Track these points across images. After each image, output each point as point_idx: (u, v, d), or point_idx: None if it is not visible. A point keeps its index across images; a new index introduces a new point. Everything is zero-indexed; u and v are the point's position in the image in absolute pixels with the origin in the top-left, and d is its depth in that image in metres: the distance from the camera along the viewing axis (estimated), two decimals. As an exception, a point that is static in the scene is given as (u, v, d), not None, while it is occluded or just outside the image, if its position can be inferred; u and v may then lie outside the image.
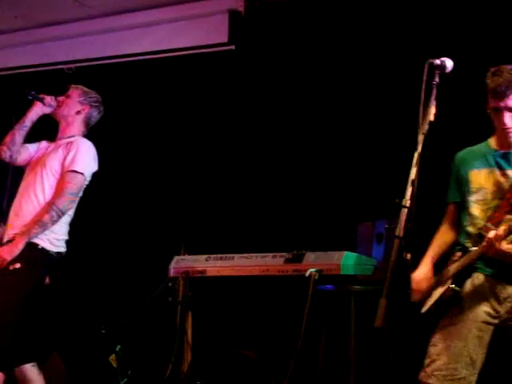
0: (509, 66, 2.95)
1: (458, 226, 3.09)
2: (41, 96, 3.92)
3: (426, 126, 2.68)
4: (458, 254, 3.00)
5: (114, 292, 5.41)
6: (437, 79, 2.76)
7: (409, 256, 2.71)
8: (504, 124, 2.95)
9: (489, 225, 2.86)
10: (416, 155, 2.67)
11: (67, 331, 4.96)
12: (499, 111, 2.95)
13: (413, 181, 2.61)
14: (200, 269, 4.49)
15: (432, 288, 3.00)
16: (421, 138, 2.70)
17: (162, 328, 4.82)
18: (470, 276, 2.94)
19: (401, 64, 4.51)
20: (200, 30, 5.54)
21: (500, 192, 2.95)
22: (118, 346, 4.79)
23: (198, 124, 5.50)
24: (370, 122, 4.71)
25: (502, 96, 2.91)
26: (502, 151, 3.03)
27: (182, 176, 5.46)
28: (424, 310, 2.99)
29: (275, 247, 4.38)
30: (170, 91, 5.63)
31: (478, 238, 2.92)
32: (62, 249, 3.75)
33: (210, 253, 4.55)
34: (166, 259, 4.69)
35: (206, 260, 4.52)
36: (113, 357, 4.75)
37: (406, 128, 3.09)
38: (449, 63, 2.79)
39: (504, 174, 2.99)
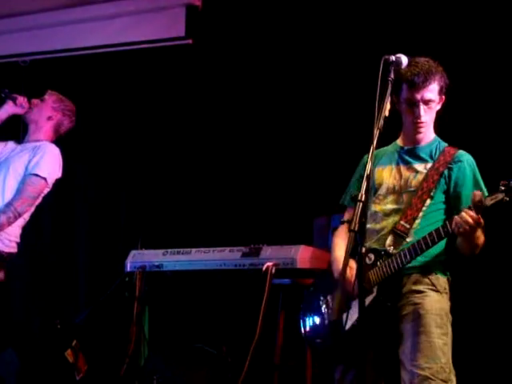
0: (423, 58, 2.92)
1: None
2: (14, 95, 3.86)
3: (381, 122, 2.66)
4: (371, 255, 2.87)
5: (70, 287, 5.36)
6: (392, 75, 2.74)
7: (364, 249, 2.75)
8: (419, 116, 2.90)
9: (402, 222, 2.83)
10: (371, 150, 2.66)
11: (23, 327, 4.90)
12: (414, 103, 2.90)
13: (368, 175, 2.60)
14: (157, 263, 4.47)
15: (351, 299, 2.83)
16: (376, 132, 2.71)
17: (119, 323, 4.80)
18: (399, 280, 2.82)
19: (354, 59, 4.54)
20: (157, 24, 5.51)
21: (406, 187, 2.91)
22: (74, 341, 4.75)
23: (155, 118, 5.47)
24: (326, 116, 4.74)
25: (419, 87, 2.87)
26: (408, 147, 3.00)
27: (138, 170, 5.44)
28: (348, 327, 2.83)
29: (232, 241, 4.40)
30: (126, 85, 5.59)
31: (378, 233, 2.87)
32: (13, 250, 3.74)
33: (167, 247, 4.54)
34: (123, 254, 4.67)
35: (163, 254, 4.51)
36: (69, 352, 4.71)
37: (362, 123, 3.12)
38: (404, 59, 2.81)
39: (410, 168, 2.95)
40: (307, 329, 3.06)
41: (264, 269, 3.99)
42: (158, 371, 4.36)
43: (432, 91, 2.90)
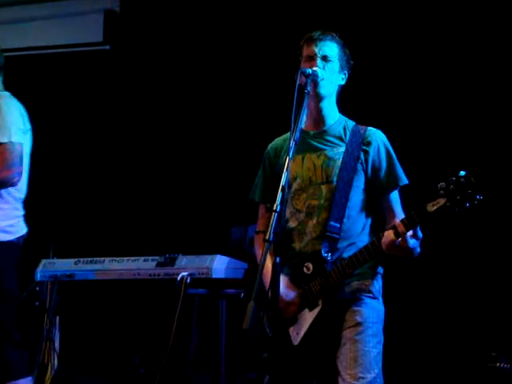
0: None
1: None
2: None
3: (298, 134, 2.54)
4: (308, 265, 2.75)
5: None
6: (308, 87, 2.68)
7: (278, 259, 2.73)
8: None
9: (332, 223, 2.71)
10: (287, 161, 2.53)
11: None
12: (311, 57, 2.75)
13: (283, 186, 2.49)
14: (68, 273, 4.37)
15: (295, 312, 2.75)
16: (292, 145, 2.66)
17: (29, 333, 4.66)
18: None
19: (265, 62, 4.58)
20: (76, 29, 5.44)
21: (322, 177, 2.76)
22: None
23: (70, 123, 5.38)
24: (242, 125, 4.77)
25: (314, 40, 2.74)
26: (313, 131, 2.83)
27: (50, 176, 5.31)
28: (297, 342, 2.72)
29: (147, 251, 4.35)
30: (44, 89, 5.48)
31: (305, 236, 2.76)
32: (22, 231, 3.52)
33: (80, 256, 4.45)
34: (33, 262, 4.54)
35: (75, 263, 4.41)
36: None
37: (278, 132, 3.13)
38: (320, 73, 2.78)
39: (321, 155, 2.79)
40: (253, 341, 2.84)
41: (179, 278, 3.96)
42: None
43: (330, 48, 2.77)
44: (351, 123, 2.88)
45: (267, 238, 2.48)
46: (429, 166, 3.98)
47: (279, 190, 2.51)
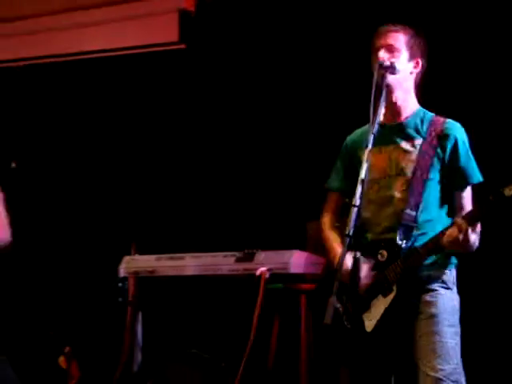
0: None
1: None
2: None
3: (376, 127, 2.61)
4: (383, 252, 2.78)
5: (63, 293, 5.34)
6: (387, 81, 2.74)
7: (358, 254, 2.74)
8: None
9: (408, 212, 2.74)
10: (366, 154, 2.63)
11: (15, 333, 4.88)
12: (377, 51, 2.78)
13: (362, 180, 2.57)
14: (150, 269, 4.46)
15: (369, 298, 2.78)
16: (371, 138, 2.70)
17: (112, 329, 4.79)
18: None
19: (350, 63, 4.55)
20: (151, 29, 5.52)
21: (398, 170, 2.80)
22: (67, 348, 4.74)
23: (149, 123, 5.47)
24: (321, 120, 4.75)
25: (381, 33, 2.79)
26: (390, 124, 2.85)
27: (132, 175, 5.43)
28: (370, 329, 2.74)
29: (226, 246, 4.39)
30: (120, 90, 5.59)
31: (379, 224, 2.78)
32: None
33: (161, 252, 4.53)
34: (116, 259, 4.65)
35: (157, 260, 4.49)
36: (62, 358, 4.70)
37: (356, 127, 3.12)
38: (399, 65, 2.80)
39: (397, 149, 2.82)
40: (334, 336, 2.91)
41: (258, 274, 3.99)
42: (151, 377, 4.36)
43: (395, 39, 2.79)
44: (429, 115, 2.87)
45: (347, 232, 2.52)
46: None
47: (358, 184, 2.56)
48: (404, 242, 2.75)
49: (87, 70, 5.69)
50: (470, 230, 2.53)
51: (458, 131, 2.81)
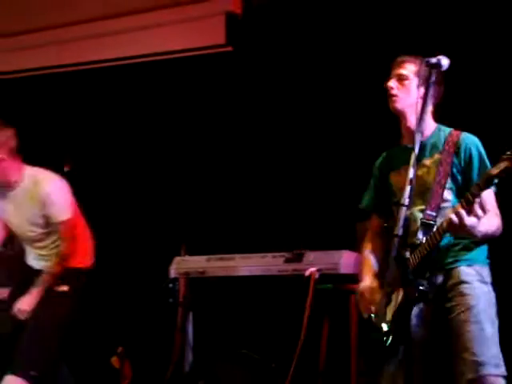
0: None
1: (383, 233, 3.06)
2: None
3: (422, 127, 2.71)
4: (406, 251, 2.84)
5: (114, 293, 5.42)
6: (433, 77, 2.78)
7: (407, 254, 2.75)
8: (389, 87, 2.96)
9: (428, 212, 2.81)
10: (413, 154, 2.71)
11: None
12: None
13: (411, 180, 2.65)
14: (200, 269, 4.50)
15: (386, 295, 2.87)
16: (418, 137, 2.74)
17: (163, 329, 4.84)
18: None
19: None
20: (198, 32, 5.56)
21: (424, 185, 2.88)
22: (120, 348, 4.81)
23: (197, 125, 5.51)
24: (368, 121, 4.72)
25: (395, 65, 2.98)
26: (411, 145, 2.91)
27: (182, 177, 5.48)
28: (389, 318, 2.82)
29: (275, 247, 4.40)
30: (168, 93, 5.65)
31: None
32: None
33: (210, 253, 4.57)
34: (167, 260, 4.70)
35: (207, 260, 4.53)
36: (115, 358, 4.77)
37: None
38: (445, 61, 2.80)
39: (422, 166, 2.90)
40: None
41: (307, 274, 3.99)
42: (202, 377, 4.39)
43: (406, 69, 2.97)
44: (447, 130, 2.98)
45: (396, 232, 2.54)
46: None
47: (407, 183, 2.63)
48: (424, 238, 2.80)
49: (135, 75, 5.76)
50: (464, 213, 2.57)
51: (471, 141, 2.91)
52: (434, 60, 2.78)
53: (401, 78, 2.96)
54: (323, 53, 4.98)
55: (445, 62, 2.80)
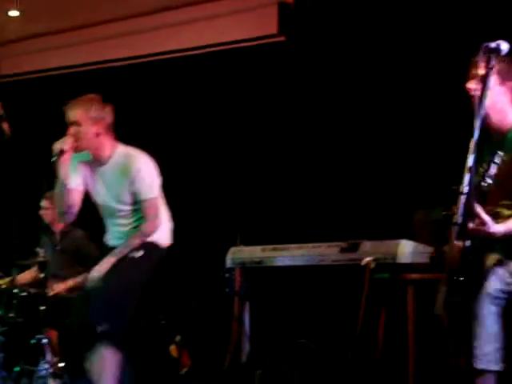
0: None
1: None
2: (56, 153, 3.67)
3: (483, 111, 2.63)
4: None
5: (172, 283, 5.48)
6: (493, 63, 2.72)
7: (468, 243, 2.69)
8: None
9: (505, 202, 2.79)
10: (473, 141, 2.65)
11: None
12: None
13: (470, 167, 2.60)
14: (256, 259, 4.52)
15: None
16: (477, 123, 2.68)
17: (220, 318, 4.88)
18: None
19: (451, 49, 4.45)
20: (250, 23, 5.57)
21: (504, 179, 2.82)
22: (178, 337, 4.86)
23: (251, 116, 5.52)
24: (424, 109, 4.66)
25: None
26: (496, 140, 2.91)
27: (237, 168, 5.51)
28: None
29: (330, 237, 4.39)
30: (223, 85, 5.67)
31: None
32: None
33: (265, 243, 4.58)
34: (223, 250, 4.74)
35: (262, 251, 4.55)
36: (173, 347, 4.82)
37: (461, 114, 3.06)
38: (504, 46, 2.74)
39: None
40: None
41: (363, 264, 3.97)
42: (260, 366, 4.41)
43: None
44: None
45: (455, 220, 2.49)
46: None
47: (465, 171, 2.55)
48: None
49: (190, 67, 5.81)
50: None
51: None
52: (493, 45, 2.72)
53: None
54: (378, 42, 4.93)
55: (504, 46, 2.74)
